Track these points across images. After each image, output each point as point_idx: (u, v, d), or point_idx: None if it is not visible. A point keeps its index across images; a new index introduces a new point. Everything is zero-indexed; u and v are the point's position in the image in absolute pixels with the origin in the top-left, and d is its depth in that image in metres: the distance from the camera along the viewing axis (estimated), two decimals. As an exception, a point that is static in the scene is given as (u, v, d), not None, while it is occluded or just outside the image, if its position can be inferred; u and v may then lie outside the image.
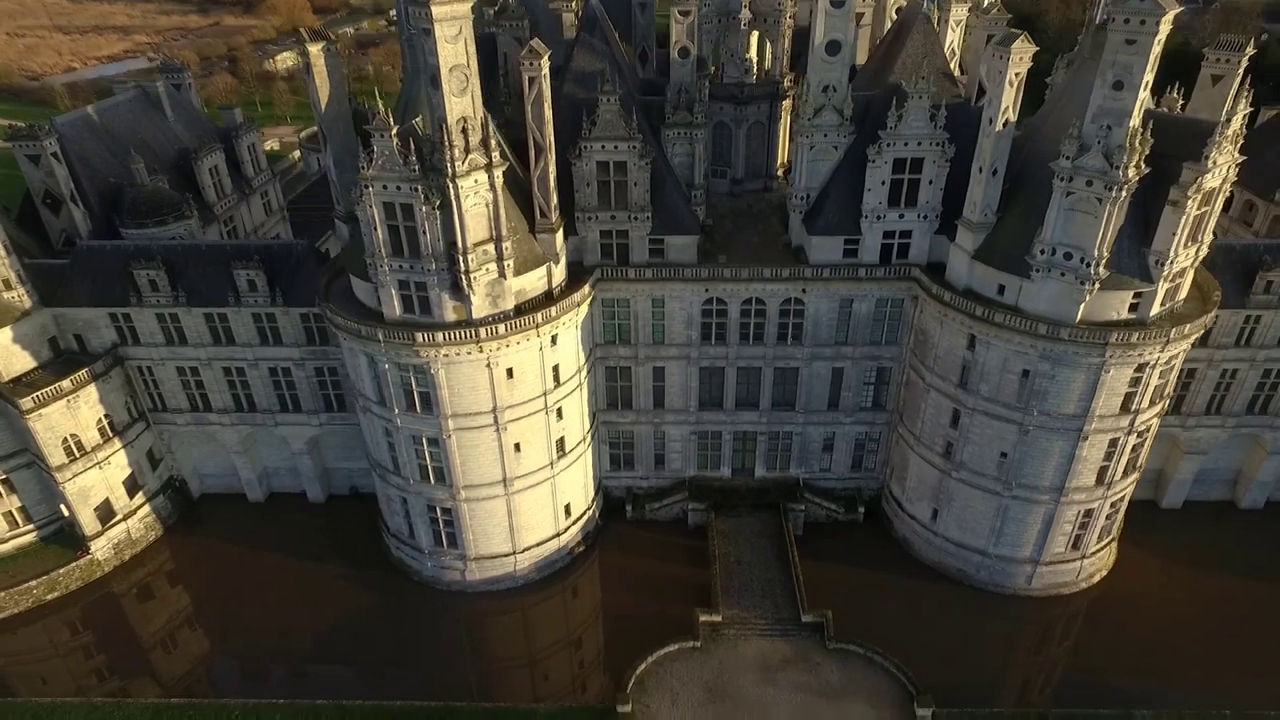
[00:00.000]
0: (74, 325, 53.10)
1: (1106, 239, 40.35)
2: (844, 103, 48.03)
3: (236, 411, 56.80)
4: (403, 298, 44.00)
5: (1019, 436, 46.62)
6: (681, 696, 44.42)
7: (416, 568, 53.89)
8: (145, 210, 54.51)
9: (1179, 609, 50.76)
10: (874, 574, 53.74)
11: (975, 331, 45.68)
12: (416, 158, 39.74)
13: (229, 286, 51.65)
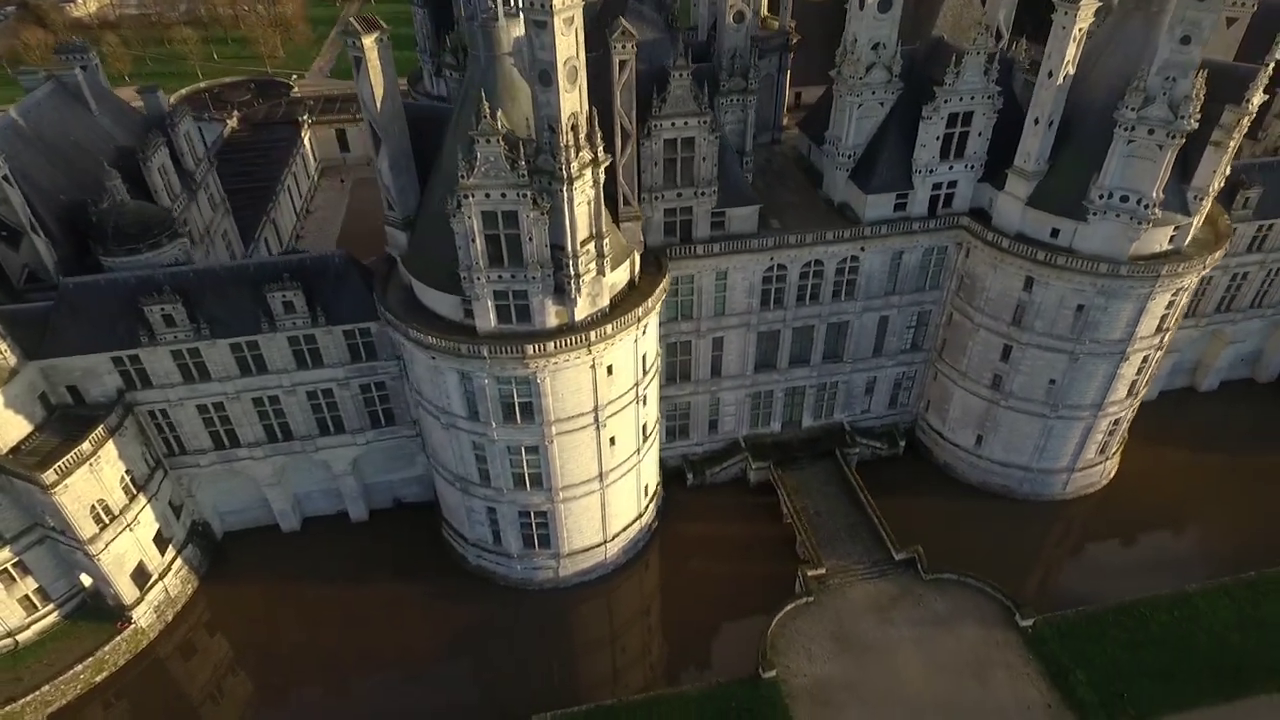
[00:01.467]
0: (68, 377, 45.75)
1: (1163, 181, 44.13)
2: (893, 59, 48.46)
3: (270, 443, 51.68)
4: (499, 308, 41.25)
5: (1069, 364, 51.16)
6: (814, 651, 46.99)
7: (503, 573, 52.52)
8: (133, 233, 46.71)
9: (1184, 484, 58.59)
10: (928, 500, 58.01)
11: (1034, 274, 49.00)
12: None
13: (260, 311, 46.07)
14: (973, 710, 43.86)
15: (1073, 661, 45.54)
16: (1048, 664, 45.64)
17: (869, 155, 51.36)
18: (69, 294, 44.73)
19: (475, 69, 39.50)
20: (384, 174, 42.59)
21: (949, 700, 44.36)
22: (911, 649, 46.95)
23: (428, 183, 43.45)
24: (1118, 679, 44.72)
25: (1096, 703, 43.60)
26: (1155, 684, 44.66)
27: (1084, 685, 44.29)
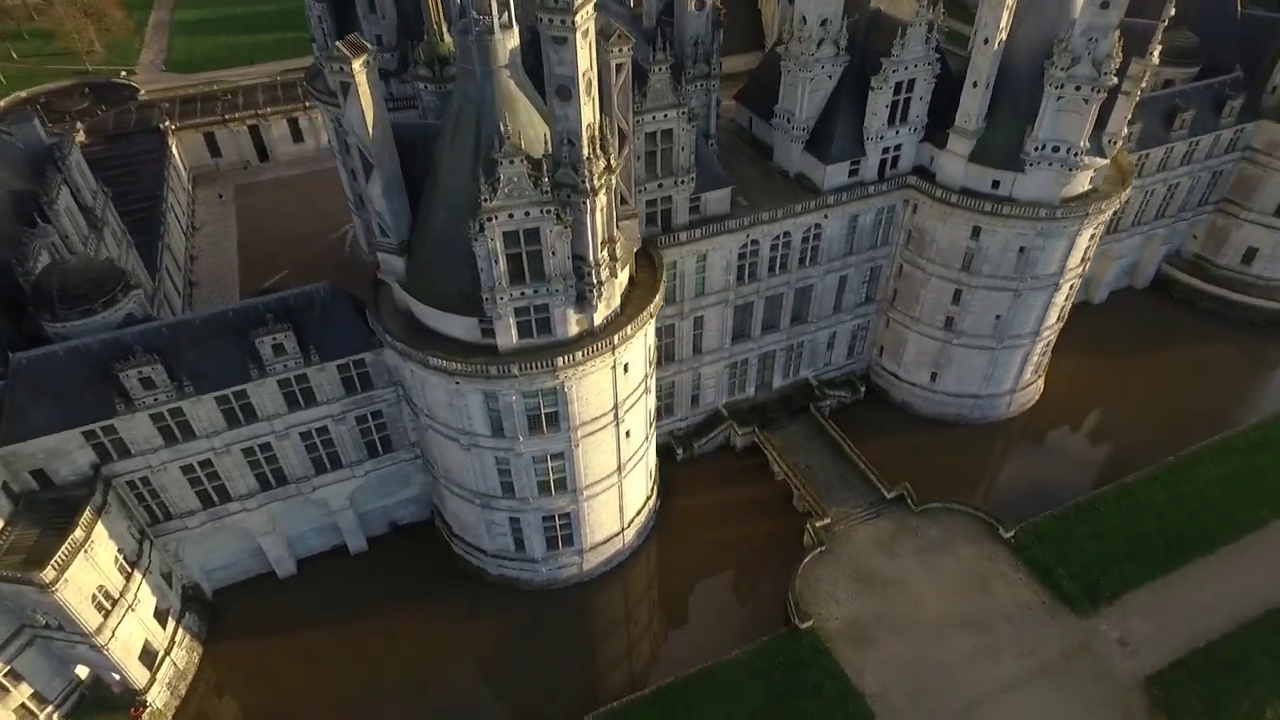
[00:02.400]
0: (32, 461, 41.25)
1: (1088, 131, 49.51)
2: (840, 34, 50.86)
3: (263, 491, 48.83)
4: (520, 324, 40.93)
5: (1013, 299, 56.86)
6: (838, 595, 50.96)
7: (527, 578, 52.83)
8: (84, 292, 41.76)
9: (1099, 387, 66.90)
10: (894, 438, 62.98)
11: (980, 223, 53.79)
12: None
13: (246, 358, 43.10)
14: (985, 619, 49.40)
15: (1053, 561, 52.02)
16: (1034, 567, 51.90)
17: (822, 126, 53.98)
18: (24, 371, 39.98)
19: (468, 83, 38.15)
20: (376, 200, 40.59)
21: (963, 614, 49.68)
22: (921, 575, 51.90)
23: (420, 205, 41.78)
24: (1091, 569, 51.60)
25: (1079, 592, 50.26)
26: (1120, 566, 51.88)
27: (1067, 580, 50.86)
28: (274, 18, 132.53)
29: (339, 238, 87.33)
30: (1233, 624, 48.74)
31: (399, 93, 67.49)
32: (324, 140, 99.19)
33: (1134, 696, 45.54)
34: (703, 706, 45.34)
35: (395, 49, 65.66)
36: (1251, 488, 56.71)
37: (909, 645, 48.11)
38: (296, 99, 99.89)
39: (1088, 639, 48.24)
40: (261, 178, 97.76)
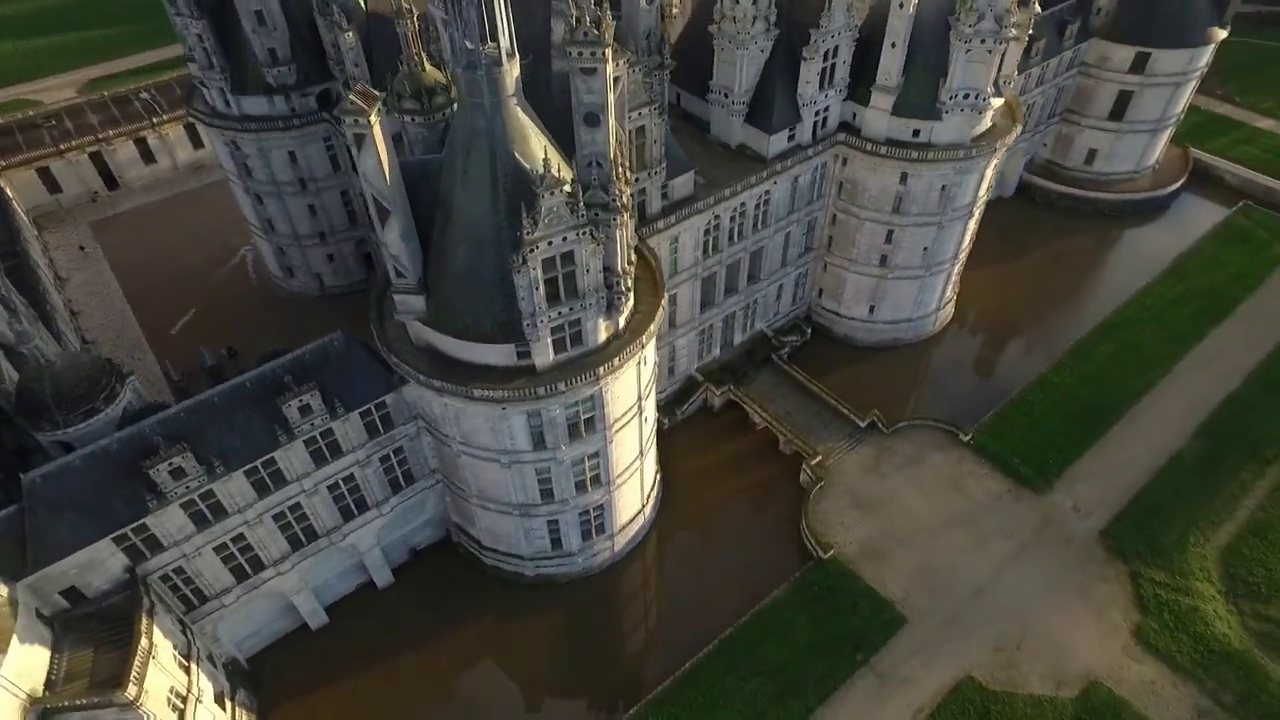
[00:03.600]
0: (62, 581, 38.36)
1: (993, 77, 55.84)
2: (770, 10, 53.74)
3: (295, 551, 47.61)
4: (555, 341, 42.16)
5: (937, 231, 63.68)
6: (846, 522, 57.04)
7: (565, 571, 55.00)
8: (83, 392, 38.11)
9: (997, 293, 76.35)
10: (845, 370, 69.37)
11: (908, 170, 59.54)
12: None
13: (273, 425, 41.61)
14: (968, 515, 57.20)
15: (1007, 453, 60.60)
16: (994, 461, 60.26)
17: (759, 98, 57.14)
18: (40, 490, 36.77)
19: (476, 116, 37.89)
20: (392, 245, 39.78)
21: (950, 514, 57.23)
22: (907, 490, 58.92)
23: (431, 242, 41.29)
24: (1037, 453, 60.61)
25: (1034, 475, 59.14)
26: (1058, 446, 61.25)
27: (1022, 466, 59.61)
28: (67, 12, 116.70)
29: (238, 263, 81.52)
30: (1149, 474, 59.36)
31: (300, 108, 64.09)
32: (180, 158, 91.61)
33: (1094, 550, 55.04)
34: (761, 648, 50.21)
35: (291, 61, 62.03)
36: (1136, 358, 67.93)
37: (915, 552, 55.09)
38: (139, 115, 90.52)
39: (1050, 512, 57.27)
40: (119, 209, 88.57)
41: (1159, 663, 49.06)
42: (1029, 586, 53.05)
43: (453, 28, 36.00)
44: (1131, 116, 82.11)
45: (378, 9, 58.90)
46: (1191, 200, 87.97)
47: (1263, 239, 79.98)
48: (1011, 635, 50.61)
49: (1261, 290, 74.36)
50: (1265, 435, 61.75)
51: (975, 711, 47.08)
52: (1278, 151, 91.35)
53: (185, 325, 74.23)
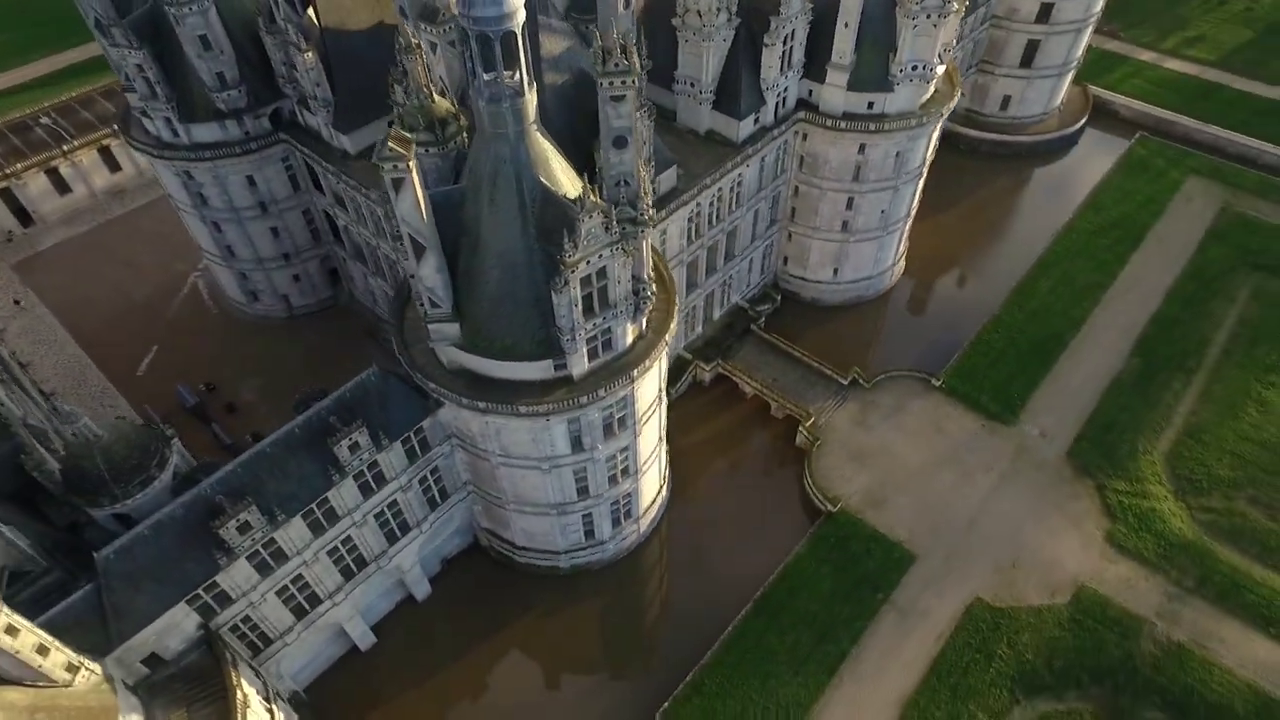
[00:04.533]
0: (143, 650, 38.55)
1: (937, 49, 59.79)
2: (730, 1, 55.68)
3: (347, 581, 48.56)
4: (589, 351, 44.17)
5: (893, 194, 68.06)
6: (846, 475, 61.79)
7: (598, 559, 57.74)
8: (137, 462, 37.61)
9: (940, 242, 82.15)
10: (818, 330, 73.78)
11: (866, 141, 63.26)
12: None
13: (325, 466, 42.29)
14: (951, 454, 62.85)
15: (975, 392, 66.51)
16: (965, 401, 66.05)
17: (724, 85, 59.35)
18: (114, 565, 36.69)
19: (500, 145, 38.91)
20: (427, 278, 40.59)
21: (935, 456, 62.73)
22: (895, 438, 64.07)
23: (459, 269, 42.19)
24: (1000, 388, 66.74)
25: (1002, 409, 65.30)
26: (1017, 380, 67.49)
27: (991, 402, 65.67)
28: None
29: (190, 291, 78.64)
30: (1097, 395, 66.44)
31: (255, 130, 62.51)
32: (98, 184, 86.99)
33: (1064, 470, 61.73)
34: (792, 602, 54.64)
35: (241, 84, 60.23)
36: (1071, 290, 74.89)
37: (911, 494, 60.42)
38: (44, 143, 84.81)
39: (1021, 441, 63.62)
40: (42, 246, 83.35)
41: (1131, 561, 56.22)
42: (1014, 511, 59.28)
43: (473, 62, 36.74)
44: (1039, 63, 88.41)
45: (331, 24, 57.52)
46: (1094, 135, 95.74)
47: (1159, 167, 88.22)
48: (1006, 556, 56.75)
49: (1166, 215, 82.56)
50: (1187, 347, 69.81)
51: (987, 628, 53.02)
52: (1162, 83, 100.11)
53: (151, 364, 71.64)
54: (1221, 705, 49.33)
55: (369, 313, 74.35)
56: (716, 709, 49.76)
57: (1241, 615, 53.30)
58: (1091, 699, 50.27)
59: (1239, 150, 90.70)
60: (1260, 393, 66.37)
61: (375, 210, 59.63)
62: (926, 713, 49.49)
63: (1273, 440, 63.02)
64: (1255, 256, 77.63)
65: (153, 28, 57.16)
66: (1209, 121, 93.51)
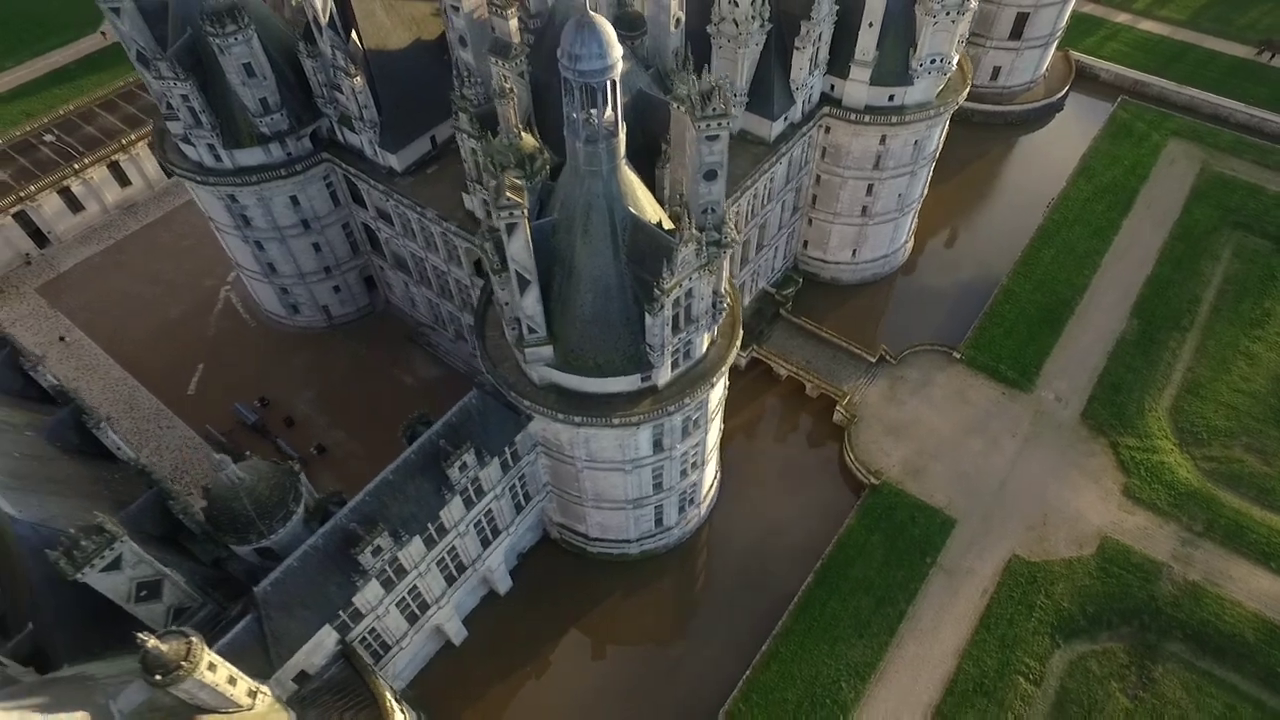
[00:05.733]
0: (294, 669, 41.76)
1: (954, 43, 62.96)
2: (764, 8, 57.98)
3: (449, 585, 52.03)
4: (673, 362, 47.52)
5: (909, 179, 71.74)
6: (885, 448, 66.54)
7: (664, 544, 61.87)
8: (279, 499, 40.15)
9: (946, 215, 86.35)
10: (839, 309, 78.03)
11: (887, 132, 66.56)
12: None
13: (438, 485, 45.40)
14: (979, 418, 67.88)
15: (993, 361, 71.48)
16: (985, 371, 71.01)
17: (757, 87, 61.94)
18: (271, 596, 39.67)
19: (594, 181, 41.49)
20: (529, 308, 43.32)
21: (964, 424, 67.76)
22: (924, 410, 68.89)
23: (552, 296, 44.85)
24: (1016, 356, 71.81)
25: (1019, 376, 70.42)
26: (1030, 347, 72.64)
27: (1010, 371, 70.73)
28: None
29: (224, 306, 79.56)
30: (1104, 357, 71.93)
31: (297, 151, 63.67)
32: (109, 200, 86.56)
33: (1080, 431, 67.29)
34: (849, 571, 59.58)
35: (282, 107, 61.14)
36: (1072, 257, 79.91)
37: (945, 462, 65.49)
38: (52, 162, 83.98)
39: (1039, 406, 68.94)
40: (63, 268, 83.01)
41: (1146, 511, 62.20)
42: (1039, 471, 64.75)
43: (573, 107, 39.11)
44: (1028, 34, 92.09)
45: (373, 46, 58.46)
46: (1078, 99, 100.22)
47: (1142, 130, 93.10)
48: (1036, 515, 62.30)
49: (1152, 178, 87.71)
50: (1180, 306, 75.54)
51: (1025, 581, 58.66)
52: (1138, 45, 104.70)
53: (199, 382, 72.95)
54: (1234, 634, 55.77)
55: (408, 318, 76.35)
56: (793, 674, 54.73)
57: (1246, 553, 59.71)
58: (1122, 638, 56.39)
59: (1212, 110, 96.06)
60: (1248, 346, 72.50)
61: (427, 225, 61.54)
62: (980, 662, 55.11)
63: (1262, 391, 69.30)
64: (1234, 215, 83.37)
65: (193, 57, 57.50)
66: (1183, 83, 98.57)
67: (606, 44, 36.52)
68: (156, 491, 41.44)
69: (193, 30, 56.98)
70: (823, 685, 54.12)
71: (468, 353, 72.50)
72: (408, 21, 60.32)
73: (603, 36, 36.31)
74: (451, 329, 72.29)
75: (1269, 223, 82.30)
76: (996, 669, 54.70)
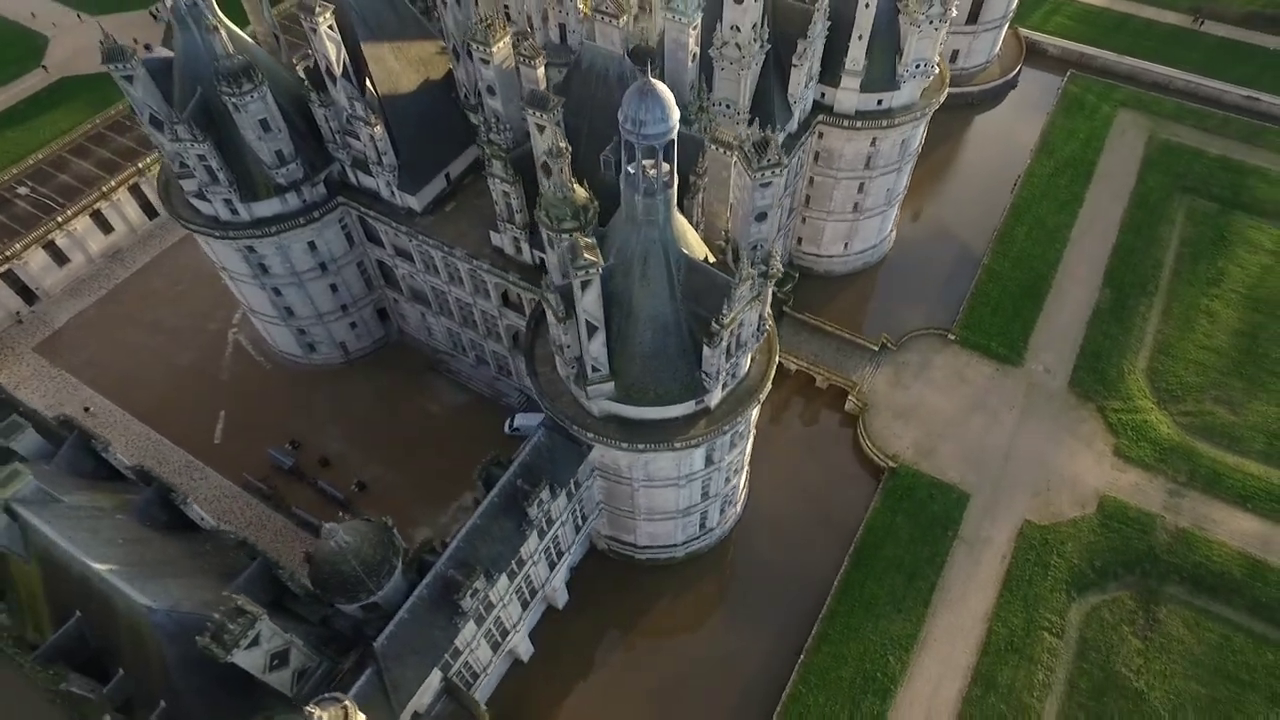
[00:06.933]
0: (409, 713, 44.30)
1: (938, 47, 66.71)
2: (763, 31, 60.63)
3: (524, 610, 54.93)
4: (723, 386, 50.80)
5: (896, 174, 75.82)
6: (896, 432, 71.30)
7: (707, 544, 65.63)
8: (382, 556, 41.99)
9: (917, 191, 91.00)
10: (837, 301, 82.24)
11: (877, 135, 70.29)
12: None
13: (519, 523, 48.09)
14: (977, 399, 73.14)
15: (984, 339, 76.74)
16: (978, 349, 76.22)
17: (757, 105, 64.63)
18: (387, 649, 42.12)
19: (650, 230, 44.11)
20: (595, 351, 45.92)
21: (965, 403, 72.95)
22: (927, 391, 73.83)
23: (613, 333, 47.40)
24: (1004, 332, 77.18)
25: (1009, 352, 75.85)
26: (1015, 323, 78.08)
27: (1000, 348, 76.09)
28: None
29: (234, 349, 79.53)
30: (1082, 327, 77.85)
31: (312, 198, 64.39)
32: (93, 249, 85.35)
33: (1069, 399, 73.16)
34: (880, 551, 64.39)
35: (296, 157, 61.76)
36: (1043, 232, 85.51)
37: (953, 441, 70.64)
38: (31, 216, 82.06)
39: (1030, 379, 74.53)
40: (57, 324, 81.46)
41: (1136, 468, 68.49)
42: (1038, 440, 70.44)
43: (631, 165, 41.55)
44: (984, 17, 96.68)
45: (386, 92, 59.24)
46: (1030, 75, 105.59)
47: (1092, 103, 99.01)
48: (1040, 481, 68.01)
49: (1106, 148, 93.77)
50: (1145, 272, 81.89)
51: (1038, 544, 64.38)
52: (1079, 17, 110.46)
53: (224, 430, 73.29)
54: (1223, 573, 62.52)
55: (424, 346, 77.68)
56: (843, 653, 59.44)
57: (1225, 498, 66.51)
58: (1128, 586, 62.65)
59: (1153, 78, 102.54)
60: (1207, 305, 79.30)
61: (453, 262, 63.06)
62: (1007, 623, 60.68)
63: (1224, 346, 76.20)
64: (1183, 180, 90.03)
65: (206, 116, 57.49)
66: (1124, 53, 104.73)
67: (668, 109, 38.98)
68: (263, 561, 43.11)
69: (203, 89, 56.92)
70: (872, 660, 58.98)
71: (490, 376, 74.58)
72: (415, 63, 61.15)
73: (664, 102, 38.76)
74: (472, 354, 74.08)
75: (1214, 185, 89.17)
76: (1023, 627, 60.36)
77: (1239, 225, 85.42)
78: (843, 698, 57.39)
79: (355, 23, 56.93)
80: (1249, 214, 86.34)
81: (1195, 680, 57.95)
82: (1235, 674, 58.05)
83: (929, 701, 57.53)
